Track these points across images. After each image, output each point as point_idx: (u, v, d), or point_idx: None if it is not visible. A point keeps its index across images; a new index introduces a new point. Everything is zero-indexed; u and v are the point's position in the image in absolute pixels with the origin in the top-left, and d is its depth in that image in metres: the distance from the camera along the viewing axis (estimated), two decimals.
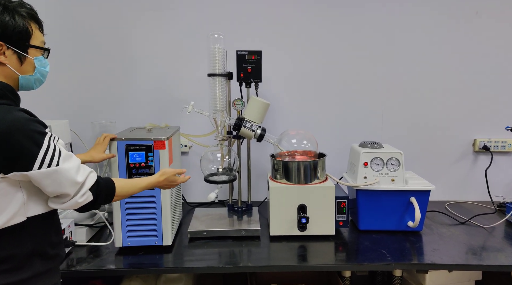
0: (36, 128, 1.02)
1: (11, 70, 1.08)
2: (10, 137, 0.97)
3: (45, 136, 1.03)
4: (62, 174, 1.03)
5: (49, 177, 1.02)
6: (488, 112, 2.17)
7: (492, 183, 2.07)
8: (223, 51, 1.74)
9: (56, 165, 1.02)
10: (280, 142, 1.76)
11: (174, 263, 1.49)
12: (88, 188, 1.09)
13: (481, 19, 2.10)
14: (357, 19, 2.10)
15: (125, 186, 1.22)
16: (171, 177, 1.34)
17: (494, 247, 1.62)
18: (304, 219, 1.63)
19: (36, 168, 1.00)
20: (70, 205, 1.07)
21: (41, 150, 1.01)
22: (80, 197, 1.07)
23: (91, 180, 1.10)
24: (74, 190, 1.06)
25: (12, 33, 1.05)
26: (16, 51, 1.07)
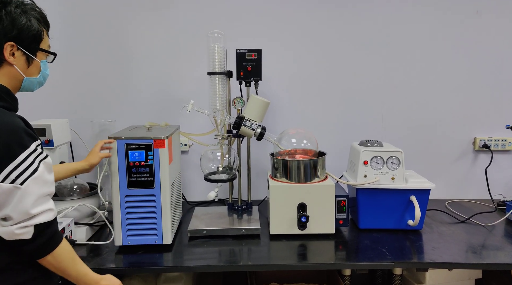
0: (18, 139, 0.96)
1: (17, 71, 1.07)
2: None
3: (24, 150, 0.96)
4: (19, 195, 0.95)
5: (4, 193, 0.95)
6: (488, 110, 2.17)
7: (492, 182, 2.07)
8: (223, 50, 1.73)
9: (20, 183, 0.95)
10: (280, 141, 1.76)
11: (174, 262, 1.49)
12: (34, 224, 0.97)
13: (481, 18, 2.09)
14: (357, 19, 2.09)
15: (69, 254, 1.07)
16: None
17: (494, 245, 1.62)
18: (304, 217, 1.63)
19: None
20: (4, 232, 0.96)
21: (12, 163, 0.94)
22: (19, 228, 0.96)
23: (44, 217, 0.99)
24: (19, 218, 0.96)
25: (26, 36, 1.05)
26: (25, 53, 1.07)
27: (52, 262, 1.04)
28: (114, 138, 1.50)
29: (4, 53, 1.04)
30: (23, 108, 1.18)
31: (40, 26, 1.08)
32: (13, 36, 1.03)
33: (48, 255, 1.02)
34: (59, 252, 1.04)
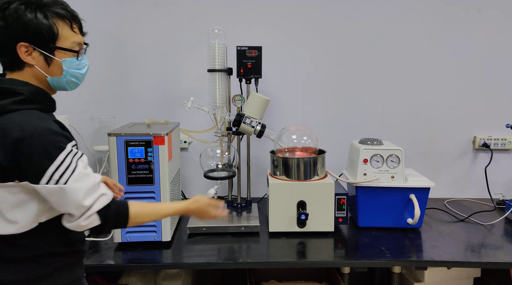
0: (55, 142, 0.97)
1: (40, 71, 1.04)
2: (25, 146, 0.94)
3: (61, 151, 0.98)
4: (68, 194, 0.98)
5: (54, 194, 0.98)
6: (488, 109, 2.16)
7: (491, 181, 2.07)
8: (223, 47, 1.73)
9: (64, 183, 0.97)
10: (280, 138, 1.76)
11: (173, 259, 1.49)
12: (95, 211, 1.02)
13: (482, 16, 2.09)
14: (358, 16, 2.09)
15: (144, 212, 1.13)
16: (205, 207, 1.25)
17: (493, 244, 1.62)
18: (303, 215, 1.63)
19: (43, 182, 0.96)
20: (74, 226, 1.03)
21: (52, 165, 0.96)
22: (83, 219, 1.01)
23: (100, 204, 1.03)
24: (78, 212, 1.01)
25: (34, 34, 1.00)
26: (42, 53, 1.03)
27: (138, 223, 1.13)
28: (114, 135, 1.50)
29: (19, 54, 1.01)
30: None
31: (52, 22, 1.02)
32: (20, 36, 0.99)
33: (128, 224, 1.09)
34: (136, 216, 1.10)
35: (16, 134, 0.93)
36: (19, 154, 0.94)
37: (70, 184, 0.98)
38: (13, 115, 0.96)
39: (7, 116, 0.96)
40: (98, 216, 1.03)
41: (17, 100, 0.98)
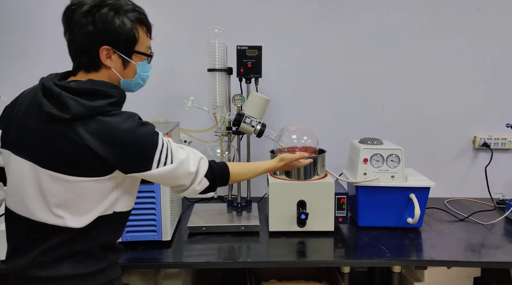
0: (152, 128, 1.07)
1: (115, 73, 1.08)
2: (131, 140, 1.01)
3: (158, 136, 1.07)
4: (178, 169, 1.09)
5: (167, 174, 1.08)
6: (488, 109, 2.16)
7: (492, 180, 2.07)
8: (223, 46, 1.73)
9: (170, 162, 1.08)
10: (280, 138, 1.75)
11: (173, 258, 1.49)
12: (203, 175, 1.16)
13: (482, 16, 2.08)
14: (359, 16, 2.09)
15: (241, 171, 1.31)
16: (290, 163, 1.44)
17: (493, 244, 1.62)
18: (303, 215, 1.63)
19: (154, 167, 1.05)
20: (189, 193, 1.16)
21: (157, 150, 1.05)
22: (197, 184, 1.15)
23: (204, 167, 1.16)
24: (189, 181, 1.13)
25: (120, 39, 1.05)
26: (121, 56, 1.07)
27: (238, 180, 1.32)
28: None
29: (101, 57, 1.04)
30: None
31: (134, 28, 1.07)
32: (107, 40, 1.03)
33: (229, 181, 1.25)
34: (234, 174, 1.26)
35: (123, 129, 1.00)
36: (126, 148, 1.01)
37: (175, 160, 1.09)
38: (112, 116, 1.01)
39: (108, 119, 1.00)
40: (206, 179, 1.16)
41: (111, 103, 1.03)
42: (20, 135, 1.04)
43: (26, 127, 1.03)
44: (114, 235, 1.14)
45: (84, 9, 1.01)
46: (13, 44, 2.05)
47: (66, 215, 1.03)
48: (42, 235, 1.04)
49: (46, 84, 1.01)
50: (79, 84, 1.01)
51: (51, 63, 2.06)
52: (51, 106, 0.99)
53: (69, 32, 1.04)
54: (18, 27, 2.04)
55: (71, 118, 0.98)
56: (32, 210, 1.03)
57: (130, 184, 1.12)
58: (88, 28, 1.01)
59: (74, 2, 1.03)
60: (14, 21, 2.03)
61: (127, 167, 1.03)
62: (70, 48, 1.06)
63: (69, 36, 1.04)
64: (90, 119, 0.99)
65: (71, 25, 1.03)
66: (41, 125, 1.01)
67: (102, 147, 0.99)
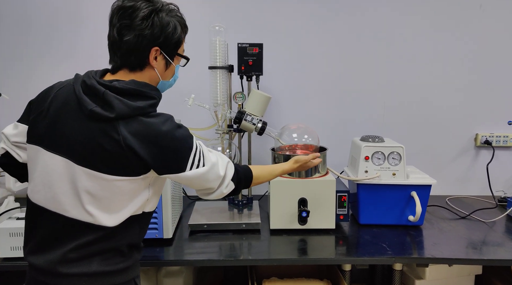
0: (186, 131, 1.09)
1: (156, 74, 1.11)
2: (169, 142, 1.04)
3: (193, 139, 1.10)
4: (209, 172, 1.11)
5: (199, 177, 1.10)
6: (490, 106, 2.16)
7: (493, 178, 2.07)
8: (224, 44, 1.72)
9: (203, 165, 1.10)
10: (281, 136, 1.75)
11: (174, 256, 1.50)
12: (230, 179, 1.18)
13: (484, 13, 2.08)
14: (359, 15, 2.08)
15: (262, 174, 1.32)
16: (305, 164, 1.45)
17: (494, 241, 1.62)
18: (304, 212, 1.63)
19: (188, 169, 1.08)
20: (216, 196, 1.18)
21: (192, 152, 1.08)
22: (224, 188, 1.17)
23: (231, 171, 1.19)
24: (217, 184, 1.15)
25: (170, 42, 1.09)
26: (165, 58, 1.11)
27: (259, 182, 1.33)
28: None
29: (150, 57, 1.07)
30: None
31: (181, 31, 1.12)
32: (160, 42, 1.07)
33: (251, 184, 1.29)
34: (256, 177, 1.29)
35: (164, 130, 1.03)
36: (164, 150, 1.03)
37: (207, 163, 1.11)
38: (152, 118, 1.04)
39: (148, 119, 1.03)
40: (232, 182, 1.19)
41: (152, 104, 1.06)
42: (54, 131, 1.04)
43: (62, 123, 1.03)
44: (141, 234, 1.16)
45: (144, 14, 1.03)
46: (13, 43, 2.05)
47: (99, 213, 1.03)
48: (74, 231, 1.04)
49: (88, 82, 1.02)
50: (123, 84, 1.03)
51: (53, 63, 2.06)
52: (94, 105, 1.00)
53: (122, 32, 1.04)
54: (17, 26, 2.04)
55: (115, 118, 0.99)
56: (66, 206, 1.03)
57: (160, 185, 1.15)
58: (147, 31, 1.04)
59: (127, 4, 1.04)
60: (12, 20, 2.03)
61: (163, 168, 1.05)
62: (117, 46, 1.05)
63: (121, 36, 1.04)
64: (132, 120, 1.01)
65: (127, 26, 1.03)
66: (81, 122, 1.01)
67: (142, 147, 1.01)
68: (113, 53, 1.08)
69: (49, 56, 2.06)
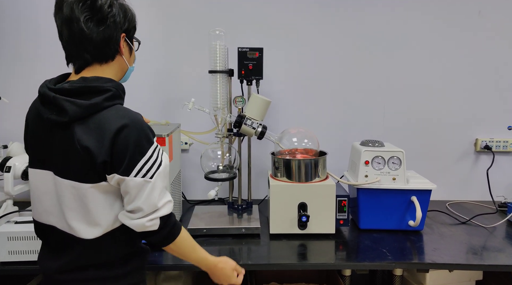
0: (147, 135, 1.01)
1: (124, 61, 1.11)
2: (123, 136, 0.97)
3: (151, 145, 1.01)
4: (150, 188, 1.00)
5: (137, 187, 0.99)
6: (490, 112, 2.16)
7: (493, 183, 2.06)
8: (224, 48, 1.73)
9: (150, 177, 1.00)
10: (281, 140, 1.75)
11: (173, 260, 1.49)
12: (160, 216, 1.03)
13: (483, 18, 2.08)
14: (359, 19, 2.09)
15: (189, 241, 1.15)
16: (229, 270, 1.25)
17: (495, 247, 1.61)
18: (304, 217, 1.62)
19: (133, 175, 0.98)
20: (136, 225, 1.02)
21: (143, 158, 0.99)
22: (148, 220, 1.01)
23: (167, 209, 1.05)
24: (148, 210, 1.01)
25: (132, 27, 1.11)
26: (128, 44, 1.11)
27: (175, 249, 1.11)
28: None
29: (120, 45, 1.07)
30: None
31: (135, 18, 1.13)
32: (125, 28, 1.08)
33: (171, 244, 1.09)
34: (180, 240, 1.10)
35: (115, 126, 0.96)
36: (117, 144, 0.96)
37: (154, 179, 1.00)
38: (107, 112, 0.99)
39: (103, 114, 0.98)
40: (159, 222, 1.03)
41: (108, 97, 1.00)
42: (34, 147, 1.05)
43: (37, 138, 1.04)
44: (133, 245, 1.12)
45: (106, 3, 1.02)
46: (12, 46, 2.05)
47: (78, 224, 1.02)
48: (65, 244, 1.06)
49: (41, 91, 1.01)
50: (72, 84, 0.99)
51: (51, 66, 2.06)
52: (49, 113, 0.98)
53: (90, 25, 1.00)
54: (13, 29, 2.04)
55: (70, 121, 0.97)
56: (53, 218, 1.06)
57: None
58: (117, 19, 1.04)
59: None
60: (8, 23, 2.04)
61: (111, 165, 0.98)
62: (88, 41, 1.01)
63: (91, 29, 1.00)
64: (88, 119, 0.97)
65: (93, 17, 1.00)
66: (47, 133, 1.01)
67: (96, 145, 0.96)
68: (82, 50, 1.02)
69: (50, 58, 2.06)
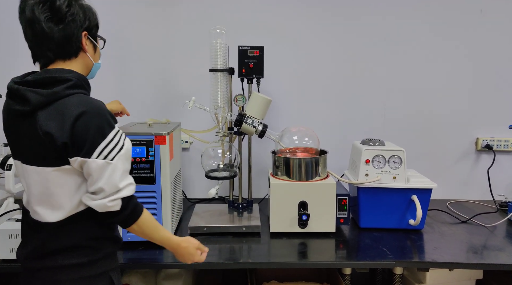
0: (107, 120, 1.07)
1: (89, 58, 1.17)
2: (84, 121, 1.02)
3: (112, 129, 1.07)
4: (111, 169, 1.05)
5: (99, 169, 1.04)
6: (491, 111, 2.15)
7: (494, 182, 2.06)
8: (225, 47, 1.73)
9: (111, 159, 1.05)
10: (281, 139, 1.75)
11: (174, 259, 1.48)
12: (121, 197, 1.07)
13: (485, 17, 2.08)
14: (360, 18, 2.08)
15: (150, 223, 1.16)
16: (192, 249, 1.26)
17: (495, 246, 1.61)
18: (304, 216, 1.62)
19: (94, 156, 1.03)
20: (98, 205, 1.06)
21: (104, 141, 1.04)
22: (110, 201, 1.06)
23: (128, 191, 1.09)
24: (110, 191, 1.06)
25: (93, 25, 1.17)
26: (91, 41, 1.18)
27: (137, 230, 1.15)
28: None
29: (82, 42, 1.13)
30: None
31: (97, 16, 1.19)
32: (86, 26, 1.14)
33: (134, 224, 1.13)
34: (142, 221, 1.14)
35: (76, 112, 1.02)
36: (78, 128, 1.02)
37: (115, 161, 1.05)
38: (69, 99, 1.05)
39: (64, 101, 1.04)
40: (121, 203, 1.08)
41: (69, 86, 1.06)
42: (9, 140, 1.13)
43: (10, 130, 1.12)
44: (103, 228, 1.15)
45: (64, 3, 1.08)
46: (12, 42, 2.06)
47: (43, 210, 1.09)
48: (33, 230, 1.12)
49: (8, 86, 1.08)
50: (34, 76, 1.06)
51: None
52: (15, 104, 1.06)
53: (50, 25, 1.07)
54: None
55: (33, 109, 1.03)
56: (26, 204, 1.14)
57: None
58: (76, 17, 1.10)
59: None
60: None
61: (73, 148, 1.03)
62: (49, 39, 1.07)
63: (51, 28, 1.07)
64: (50, 106, 1.04)
65: (53, 17, 1.07)
66: (15, 124, 1.08)
67: (57, 130, 1.02)
68: (45, 48, 1.09)
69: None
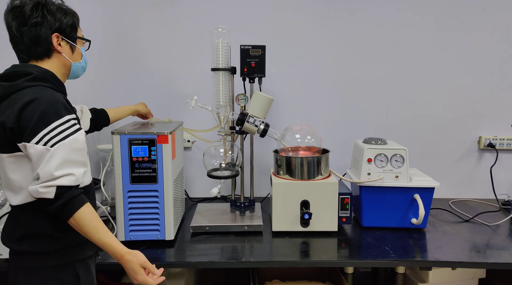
0: (56, 109, 1.09)
1: (65, 58, 1.24)
2: (30, 107, 1.07)
3: (59, 118, 1.09)
4: (47, 156, 1.06)
5: (37, 154, 1.07)
6: (493, 109, 2.15)
7: (497, 181, 2.05)
8: (226, 46, 1.73)
9: (50, 146, 1.06)
10: (284, 137, 1.75)
11: (176, 258, 1.49)
12: (56, 185, 1.05)
13: (487, 15, 2.07)
14: (362, 17, 2.08)
15: (91, 220, 1.10)
16: (135, 265, 1.14)
17: (498, 245, 1.60)
18: (307, 215, 1.62)
19: (34, 142, 1.06)
20: (31, 190, 1.08)
21: (46, 128, 1.06)
22: (43, 187, 1.05)
23: (66, 181, 1.07)
24: (44, 178, 1.05)
25: (66, 27, 1.22)
26: (68, 42, 1.24)
27: (75, 225, 1.11)
28: (117, 133, 1.50)
29: (53, 43, 1.20)
30: None
31: (73, 18, 1.25)
32: (56, 28, 1.20)
33: (71, 218, 1.09)
34: (80, 216, 1.09)
35: (26, 100, 1.08)
36: (24, 114, 1.07)
37: (55, 149, 1.06)
38: (26, 90, 1.12)
39: (21, 92, 1.12)
40: (55, 191, 1.06)
41: (29, 79, 1.13)
42: None
43: None
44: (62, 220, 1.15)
45: (31, 7, 1.16)
46: None
47: (8, 193, 1.17)
48: (10, 213, 1.21)
49: None
50: (4, 71, 1.16)
51: None
52: None
53: (20, 28, 1.16)
54: None
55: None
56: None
57: None
58: (40, 20, 1.17)
59: (15, 4, 1.17)
60: None
61: (20, 134, 1.08)
62: (20, 42, 1.18)
63: (21, 32, 1.16)
64: (9, 97, 1.12)
65: (22, 22, 1.16)
66: None
67: (9, 117, 1.08)
68: (18, 50, 1.20)
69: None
